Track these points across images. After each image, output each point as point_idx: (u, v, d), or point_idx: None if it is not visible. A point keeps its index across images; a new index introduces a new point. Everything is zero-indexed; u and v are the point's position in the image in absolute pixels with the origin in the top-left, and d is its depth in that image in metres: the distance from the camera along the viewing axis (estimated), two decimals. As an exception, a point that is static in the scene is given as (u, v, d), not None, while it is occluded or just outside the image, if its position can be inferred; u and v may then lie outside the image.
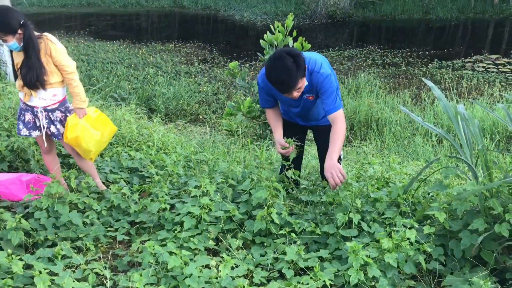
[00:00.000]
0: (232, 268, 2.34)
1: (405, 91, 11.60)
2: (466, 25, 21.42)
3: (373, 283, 2.11)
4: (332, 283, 2.16)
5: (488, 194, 2.49)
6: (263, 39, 7.05)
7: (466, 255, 2.44)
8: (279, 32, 7.12)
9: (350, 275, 2.05)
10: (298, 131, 3.51)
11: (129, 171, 3.84)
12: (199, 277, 2.14)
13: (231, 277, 2.20)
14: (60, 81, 3.26)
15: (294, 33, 7.05)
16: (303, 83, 2.84)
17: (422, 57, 15.39)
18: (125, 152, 4.06)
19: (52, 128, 3.33)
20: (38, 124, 3.30)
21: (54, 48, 3.17)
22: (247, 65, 14.67)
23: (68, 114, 3.36)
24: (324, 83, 2.92)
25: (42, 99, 3.24)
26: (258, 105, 6.88)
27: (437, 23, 21.89)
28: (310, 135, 4.40)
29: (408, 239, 2.20)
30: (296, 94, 2.86)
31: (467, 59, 14.78)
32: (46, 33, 3.19)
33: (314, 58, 2.97)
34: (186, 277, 2.14)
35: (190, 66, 14.46)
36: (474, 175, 2.57)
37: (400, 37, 19.44)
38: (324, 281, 2.10)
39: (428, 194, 3.04)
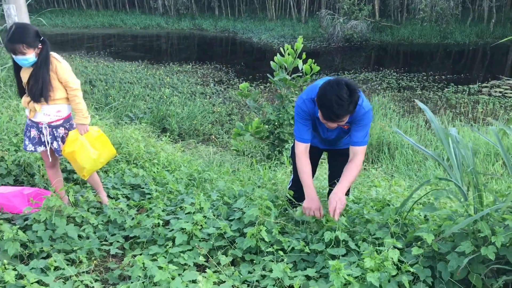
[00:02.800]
0: (217, 283, 2.38)
1: (419, 115, 11.57)
2: (485, 50, 21.33)
3: (355, 302, 2.11)
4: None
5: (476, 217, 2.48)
6: (274, 61, 7.18)
7: (454, 278, 2.42)
8: (288, 54, 7.25)
9: (331, 294, 2.06)
10: (315, 153, 3.50)
11: (132, 188, 3.92)
12: (183, 291, 2.17)
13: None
14: (64, 97, 3.35)
15: (304, 56, 7.16)
16: (347, 119, 2.83)
17: (438, 81, 15.34)
18: (129, 169, 4.14)
19: (55, 144, 3.41)
20: (43, 140, 3.40)
21: (60, 66, 3.28)
22: (261, 86, 14.80)
23: (68, 127, 3.46)
24: (364, 117, 2.89)
25: (46, 115, 3.33)
26: (266, 126, 6.96)
27: (455, 48, 21.85)
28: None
29: (391, 259, 2.20)
30: (334, 125, 2.86)
31: (484, 84, 14.67)
32: (51, 52, 3.31)
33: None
34: (171, 292, 2.18)
35: (206, 87, 14.66)
36: (464, 197, 2.57)
37: (416, 61, 19.45)
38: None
39: (425, 216, 3.04)
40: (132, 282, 2.35)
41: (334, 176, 3.53)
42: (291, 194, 3.26)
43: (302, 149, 3.00)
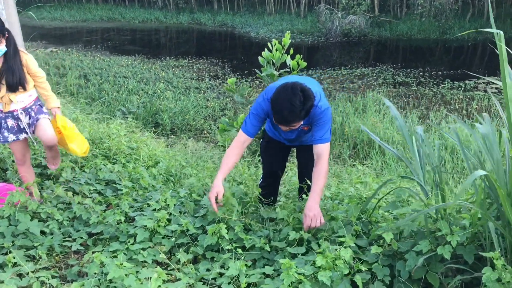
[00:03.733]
0: (173, 281, 2.36)
1: (414, 111, 11.52)
2: (484, 46, 21.20)
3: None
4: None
5: (435, 216, 2.47)
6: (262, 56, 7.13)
7: (414, 277, 2.41)
8: (276, 50, 7.20)
9: (281, 292, 2.05)
10: (282, 148, 3.52)
11: (106, 183, 3.90)
12: (136, 289, 2.16)
13: (170, 290, 2.22)
14: (32, 85, 3.48)
15: (291, 51, 7.12)
16: (300, 124, 2.81)
17: (434, 77, 15.27)
18: (104, 165, 4.13)
19: (30, 120, 3.49)
20: (22, 127, 3.44)
21: (29, 59, 3.40)
22: (256, 81, 14.75)
23: (41, 106, 3.57)
24: (321, 116, 2.88)
25: (20, 101, 3.41)
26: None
27: (453, 43, 21.74)
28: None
29: (343, 258, 2.19)
30: (286, 129, 2.84)
31: (481, 80, 14.60)
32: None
33: (314, 89, 2.87)
34: (125, 289, 2.17)
35: (201, 81, 14.62)
36: (425, 195, 2.55)
37: (414, 57, 19.36)
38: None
39: (392, 214, 3.01)
40: (88, 279, 2.33)
41: (303, 172, 3.53)
42: (259, 191, 3.24)
43: (242, 139, 2.96)
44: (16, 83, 3.30)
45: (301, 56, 7.30)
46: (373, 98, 12.13)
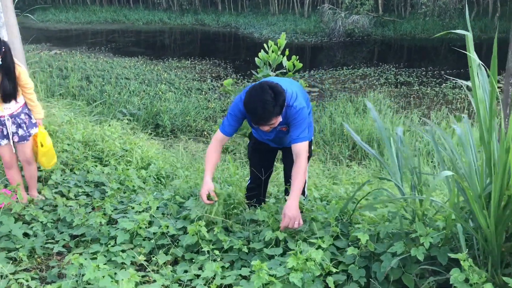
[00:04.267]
0: (147, 282, 2.38)
1: (415, 110, 11.48)
2: (489, 45, 21.06)
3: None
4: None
5: (410, 217, 2.47)
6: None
7: (390, 278, 2.41)
8: (272, 51, 7.21)
9: (252, 294, 2.06)
10: (268, 150, 3.55)
11: (95, 185, 3.93)
12: (111, 290, 2.18)
13: (145, 292, 2.24)
14: (20, 94, 3.55)
15: (287, 52, 7.12)
16: (277, 120, 2.85)
17: (437, 76, 15.20)
18: (94, 167, 4.16)
19: (20, 132, 3.56)
20: (5, 133, 3.49)
21: (22, 71, 3.49)
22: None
23: (30, 116, 3.61)
24: (296, 115, 2.91)
25: (7, 108, 3.48)
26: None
27: (457, 43, 21.60)
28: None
29: (314, 259, 2.19)
30: (267, 128, 2.88)
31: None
32: None
33: (290, 90, 2.95)
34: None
35: (203, 83, 14.65)
36: (402, 196, 2.55)
37: (417, 56, 19.30)
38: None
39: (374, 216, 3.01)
40: (66, 281, 2.36)
41: (287, 174, 3.55)
42: (244, 193, 3.26)
43: (219, 138, 3.04)
44: (10, 96, 3.42)
45: (297, 57, 7.31)
46: (374, 98, 12.11)
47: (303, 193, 3.36)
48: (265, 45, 7.44)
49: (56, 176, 3.87)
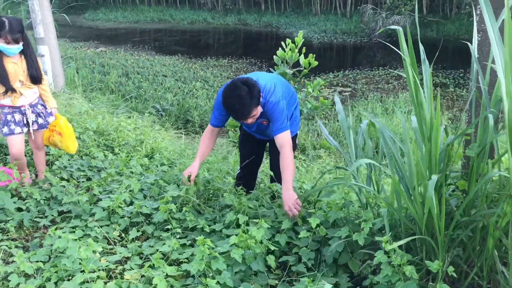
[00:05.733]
0: (112, 253, 2.62)
1: (446, 112, 11.28)
2: None
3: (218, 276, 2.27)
4: (182, 273, 2.37)
5: (362, 205, 2.58)
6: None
7: (340, 262, 2.53)
8: (290, 50, 7.37)
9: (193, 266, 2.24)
10: (256, 142, 3.73)
11: (99, 171, 4.23)
12: (75, 258, 2.42)
13: (108, 261, 2.48)
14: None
15: (303, 50, 7.25)
16: (258, 111, 3.03)
17: (475, 78, 14.78)
18: (103, 155, 4.46)
19: (40, 120, 3.87)
20: (24, 122, 3.81)
21: (38, 60, 3.79)
22: (290, 81, 14.84)
23: (45, 106, 3.91)
24: (273, 109, 3.08)
25: (27, 97, 3.77)
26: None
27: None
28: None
29: (254, 237, 2.35)
30: (250, 120, 3.07)
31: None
32: None
33: (269, 84, 3.13)
34: (66, 258, 2.44)
35: (237, 80, 14.90)
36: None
37: (458, 58, 18.81)
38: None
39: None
40: (42, 249, 2.63)
41: (273, 165, 3.71)
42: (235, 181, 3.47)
43: (209, 129, 3.32)
44: (38, 76, 3.74)
45: (314, 55, 7.44)
46: (404, 99, 11.97)
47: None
48: (282, 43, 7.60)
49: (63, 160, 4.19)
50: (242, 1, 31.69)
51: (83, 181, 3.92)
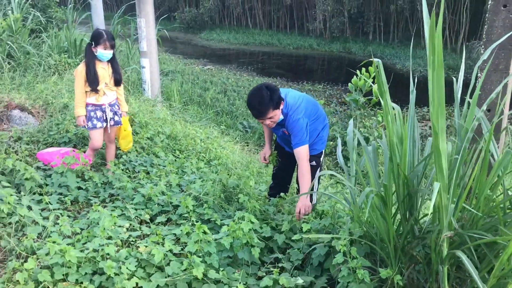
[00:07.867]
0: (136, 231, 3.14)
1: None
2: None
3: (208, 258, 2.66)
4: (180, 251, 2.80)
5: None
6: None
7: (325, 266, 2.80)
8: (363, 79, 7.61)
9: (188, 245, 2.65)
10: (287, 155, 4.10)
11: (158, 166, 4.85)
12: (104, 228, 2.96)
13: (130, 235, 3.00)
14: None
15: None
16: (275, 115, 3.45)
17: None
18: (163, 153, 5.10)
19: (116, 118, 4.61)
20: (104, 118, 4.55)
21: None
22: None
23: (118, 107, 4.63)
24: (293, 125, 3.50)
25: (108, 97, 4.50)
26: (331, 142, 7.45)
27: None
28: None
29: (242, 229, 2.70)
30: (268, 122, 3.50)
31: None
32: None
33: (295, 102, 3.56)
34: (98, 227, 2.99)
35: (327, 106, 15.20)
36: (352, 198, 2.91)
37: None
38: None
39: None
40: (83, 219, 3.23)
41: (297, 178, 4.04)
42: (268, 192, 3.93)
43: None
44: (120, 79, 4.52)
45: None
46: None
47: (311, 199, 3.81)
48: (358, 71, 7.85)
49: (130, 156, 4.86)
50: (350, 30, 31.92)
51: (142, 175, 4.54)
